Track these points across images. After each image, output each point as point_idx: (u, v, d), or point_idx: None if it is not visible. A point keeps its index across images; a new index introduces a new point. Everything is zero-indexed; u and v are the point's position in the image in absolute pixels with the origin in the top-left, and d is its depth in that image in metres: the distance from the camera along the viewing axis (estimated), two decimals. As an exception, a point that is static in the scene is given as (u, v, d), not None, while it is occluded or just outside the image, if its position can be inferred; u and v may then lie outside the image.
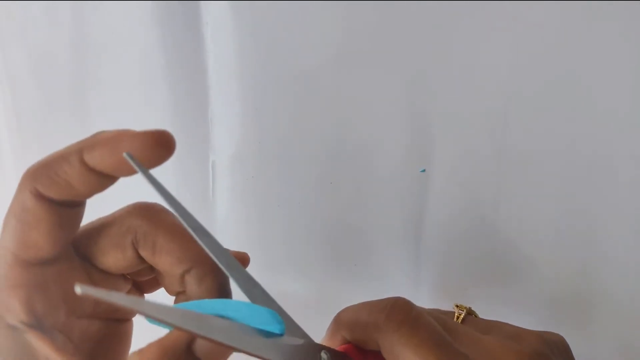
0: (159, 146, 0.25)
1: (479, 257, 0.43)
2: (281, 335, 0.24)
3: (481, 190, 0.42)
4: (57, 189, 0.24)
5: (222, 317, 0.22)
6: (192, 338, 0.21)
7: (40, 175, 0.24)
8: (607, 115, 0.39)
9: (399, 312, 0.27)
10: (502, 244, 0.42)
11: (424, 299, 0.44)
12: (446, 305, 0.39)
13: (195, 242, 0.25)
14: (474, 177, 0.42)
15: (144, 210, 0.27)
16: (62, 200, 0.25)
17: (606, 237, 0.41)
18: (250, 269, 0.26)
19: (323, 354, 0.26)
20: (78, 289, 0.16)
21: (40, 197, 0.24)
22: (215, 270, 0.26)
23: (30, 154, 0.45)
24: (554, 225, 0.41)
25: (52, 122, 0.45)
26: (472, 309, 0.34)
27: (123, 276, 0.29)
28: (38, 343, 0.24)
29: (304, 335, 0.26)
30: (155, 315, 0.17)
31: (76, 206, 0.26)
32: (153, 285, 0.32)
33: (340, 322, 0.29)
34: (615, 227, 0.40)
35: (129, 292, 0.31)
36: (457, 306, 0.34)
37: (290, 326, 0.25)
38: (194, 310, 0.21)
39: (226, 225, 0.42)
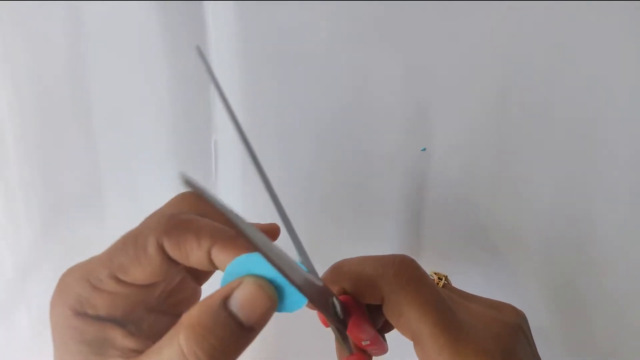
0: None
1: (477, 233, 0.45)
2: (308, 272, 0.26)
3: (480, 168, 0.43)
4: (178, 255, 0.26)
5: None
6: (227, 295, 0.23)
7: (171, 237, 0.25)
8: (607, 95, 0.41)
9: (407, 269, 0.28)
10: (499, 220, 0.44)
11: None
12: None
13: (203, 221, 0.27)
14: (473, 155, 0.43)
15: (160, 218, 0.27)
16: (176, 261, 0.26)
17: (602, 214, 0.43)
18: None
19: (335, 300, 0.27)
20: (181, 176, 0.17)
21: (162, 250, 0.26)
22: (232, 237, 0.26)
23: (32, 147, 0.45)
24: (550, 201, 0.43)
25: (52, 107, 0.44)
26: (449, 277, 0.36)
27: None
28: (111, 331, 0.26)
29: (319, 278, 0.27)
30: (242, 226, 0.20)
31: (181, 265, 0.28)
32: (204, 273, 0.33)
33: (340, 272, 0.29)
34: (610, 204, 0.42)
35: (184, 283, 0.31)
36: (435, 273, 0.35)
37: (312, 272, 0.27)
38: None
39: (228, 203, 0.43)
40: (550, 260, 0.45)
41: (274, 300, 0.24)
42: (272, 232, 0.31)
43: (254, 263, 0.24)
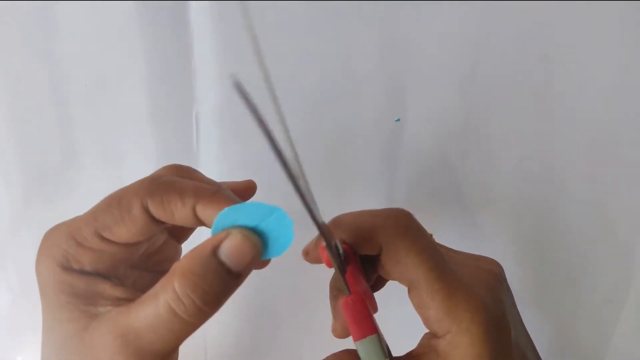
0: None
1: (451, 195, 0.46)
2: None
3: (451, 136, 0.45)
4: (163, 214, 0.27)
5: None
6: (216, 245, 0.25)
7: (155, 197, 0.27)
8: (568, 64, 0.42)
9: (405, 219, 0.30)
10: (470, 184, 0.46)
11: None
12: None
13: (185, 181, 0.28)
14: (444, 124, 0.44)
15: (143, 181, 0.29)
16: (160, 220, 0.28)
17: (565, 173, 0.45)
18: None
19: (338, 243, 0.29)
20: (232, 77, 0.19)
21: (146, 211, 0.27)
22: (214, 192, 0.28)
23: (8, 117, 0.44)
24: (517, 164, 0.45)
25: (26, 76, 0.44)
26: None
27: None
28: (100, 284, 0.28)
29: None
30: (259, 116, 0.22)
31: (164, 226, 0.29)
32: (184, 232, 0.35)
33: (340, 223, 0.31)
34: (573, 163, 0.44)
35: (165, 242, 0.33)
36: None
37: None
38: None
39: (210, 176, 0.43)
40: (519, 217, 0.47)
41: (259, 248, 0.26)
42: (249, 188, 0.34)
43: (239, 214, 0.27)
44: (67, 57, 0.42)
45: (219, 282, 0.25)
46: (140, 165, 0.44)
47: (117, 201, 0.27)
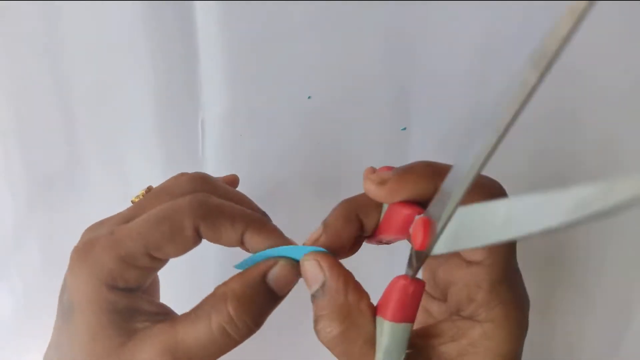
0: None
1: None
2: None
3: (457, 145, 0.44)
4: (212, 237, 0.29)
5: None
6: (266, 270, 0.28)
7: (208, 221, 0.28)
8: (580, 73, 0.42)
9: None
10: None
11: (402, 252, 0.47)
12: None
13: (235, 207, 0.30)
14: (451, 135, 0.44)
15: (192, 202, 0.29)
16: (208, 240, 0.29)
17: (574, 180, 0.44)
18: None
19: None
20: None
21: (197, 233, 0.28)
22: (264, 223, 0.30)
23: (13, 124, 0.44)
24: (525, 172, 0.45)
25: (30, 82, 0.44)
26: None
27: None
28: (139, 300, 0.29)
29: None
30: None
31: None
32: None
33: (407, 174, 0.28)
34: (582, 170, 0.44)
35: None
36: None
37: None
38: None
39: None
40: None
41: (300, 274, 0.29)
42: (232, 182, 0.37)
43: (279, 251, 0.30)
44: (72, 64, 0.42)
45: (268, 305, 0.29)
46: (146, 172, 0.44)
47: (168, 221, 0.28)
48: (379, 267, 0.43)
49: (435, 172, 0.27)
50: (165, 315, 0.29)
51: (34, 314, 0.47)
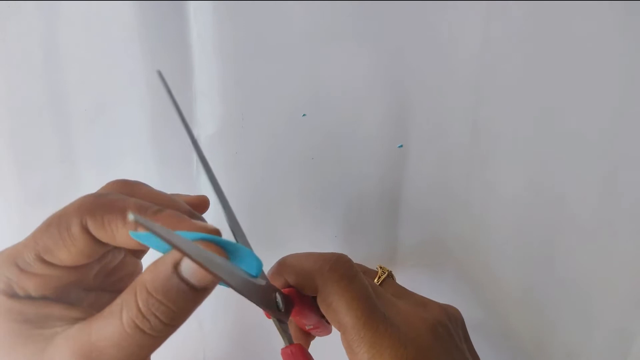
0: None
1: (452, 224, 0.46)
2: (254, 276, 0.27)
3: (455, 163, 0.44)
4: (104, 234, 0.26)
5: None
6: (176, 261, 0.24)
7: (95, 216, 0.26)
8: (576, 90, 0.42)
9: (342, 266, 0.31)
10: (474, 210, 0.45)
11: (401, 266, 0.46)
12: (419, 271, 0.41)
13: (128, 199, 0.27)
14: (448, 151, 0.44)
15: (84, 198, 0.27)
16: (103, 241, 0.27)
17: (572, 206, 0.44)
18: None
19: (278, 295, 0.30)
20: (131, 216, 0.18)
21: (86, 231, 0.26)
22: (162, 210, 0.27)
23: (6, 144, 0.44)
24: (522, 194, 0.44)
25: (27, 100, 0.44)
26: (392, 272, 0.39)
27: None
28: (50, 306, 0.27)
29: (265, 277, 0.31)
30: (168, 238, 0.19)
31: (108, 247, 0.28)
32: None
33: (284, 265, 0.33)
34: (579, 190, 0.43)
35: (123, 260, 0.32)
36: (380, 267, 0.38)
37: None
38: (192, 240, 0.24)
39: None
40: (524, 243, 0.46)
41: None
42: (201, 204, 0.33)
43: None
44: (67, 82, 0.42)
45: (183, 299, 0.24)
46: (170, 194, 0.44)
47: (56, 221, 0.26)
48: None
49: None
50: (84, 319, 0.26)
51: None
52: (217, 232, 0.25)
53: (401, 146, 0.44)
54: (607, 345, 0.48)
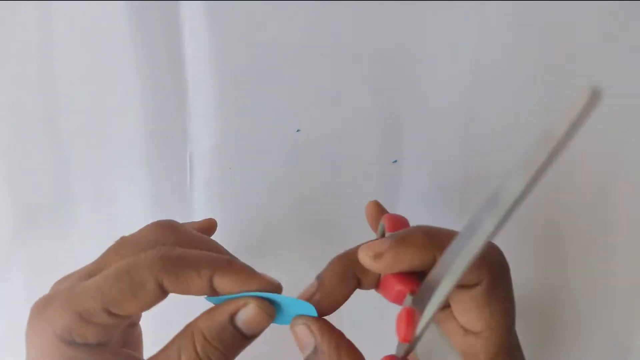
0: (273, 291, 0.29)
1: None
2: None
3: (449, 179, 0.44)
4: (177, 289, 0.28)
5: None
6: (233, 312, 0.28)
7: (170, 273, 0.27)
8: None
9: (504, 258, 0.30)
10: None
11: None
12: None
13: (197, 253, 0.28)
14: (442, 166, 0.44)
15: (153, 256, 0.28)
16: (174, 293, 0.28)
17: (568, 218, 0.44)
18: None
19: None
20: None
21: (160, 287, 0.27)
22: (231, 263, 0.28)
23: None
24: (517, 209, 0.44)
25: (21, 116, 0.44)
26: None
27: None
28: (102, 354, 0.28)
29: None
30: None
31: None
32: None
33: (439, 238, 0.28)
34: (576, 207, 0.43)
35: None
36: None
37: None
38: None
39: (203, 216, 0.43)
40: (524, 260, 0.46)
41: (272, 317, 0.29)
42: (211, 228, 0.37)
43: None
44: (61, 98, 0.42)
45: (235, 345, 0.28)
46: (134, 206, 0.44)
47: (128, 276, 0.27)
48: (371, 319, 0.43)
49: (433, 243, 0.28)
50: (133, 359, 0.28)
51: (17, 350, 0.45)
52: (279, 287, 0.29)
53: (395, 162, 0.44)
54: (603, 357, 0.48)
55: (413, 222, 0.45)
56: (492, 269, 0.28)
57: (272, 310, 0.28)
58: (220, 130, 0.43)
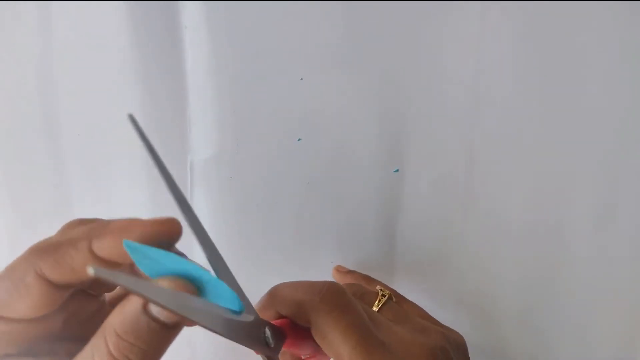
0: (167, 234, 0.25)
1: (449, 250, 0.45)
2: (238, 312, 0.25)
3: (451, 188, 0.44)
4: (61, 273, 0.24)
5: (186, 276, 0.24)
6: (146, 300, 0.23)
7: (47, 257, 0.24)
8: (572, 119, 0.42)
9: (333, 296, 0.30)
10: (472, 236, 0.45)
11: (398, 291, 0.46)
12: (416, 296, 0.41)
13: (74, 229, 0.26)
14: (444, 176, 0.44)
15: (36, 245, 0.26)
16: (62, 283, 0.25)
17: (570, 234, 0.44)
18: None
19: (267, 330, 0.28)
20: (91, 270, 0.17)
21: (41, 277, 0.24)
22: (108, 224, 0.25)
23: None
24: (519, 221, 0.44)
25: (21, 124, 0.44)
26: (397, 291, 0.38)
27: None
28: None
29: (253, 311, 0.28)
30: (136, 290, 0.19)
31: (72, 288, 0.26)
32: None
33: (275, 296, 0.31)
34: (577, 224, 0.43)
35: (100, 309, 0.30)
36: (380, 290, 0.37)
37: (244, 303, 0.27)
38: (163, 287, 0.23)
39: (204, 226, 0.43)
40: (523, 271, 0.45)
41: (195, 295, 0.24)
42: (171, 227, 0.27)
43: (161, 256, 0.24)
44: (61, 107, 0.42)
45: (155, 338, 0.23)
46: (133, 212, 0.44)
47: (9, 272, 0.24)
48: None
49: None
50: None
51: None
52: (173, 221, 0.25)
53: (397, 171, 0.44)
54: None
55: (416, 235, 0.45)
56: (313, 312, 0.30)
57: (191, 289, 0.24)
58: (220, 140, 0.43)
